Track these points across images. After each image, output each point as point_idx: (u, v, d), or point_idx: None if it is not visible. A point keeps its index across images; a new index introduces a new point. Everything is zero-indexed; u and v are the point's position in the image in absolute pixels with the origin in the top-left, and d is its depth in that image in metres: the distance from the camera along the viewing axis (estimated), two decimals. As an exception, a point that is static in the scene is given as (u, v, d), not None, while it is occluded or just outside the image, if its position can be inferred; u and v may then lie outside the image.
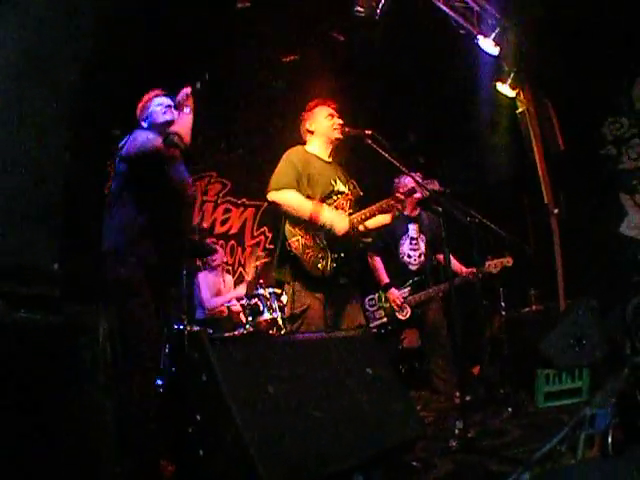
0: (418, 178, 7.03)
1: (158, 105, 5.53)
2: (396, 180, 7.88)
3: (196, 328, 7.90)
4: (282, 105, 10.45)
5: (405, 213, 8.07)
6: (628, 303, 7.12)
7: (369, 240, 6.24)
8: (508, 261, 7.73)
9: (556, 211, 9.53)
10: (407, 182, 7.49)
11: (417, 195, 7.69)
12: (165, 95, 5.62)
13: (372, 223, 6.02)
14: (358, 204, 6.07)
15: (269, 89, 10.54)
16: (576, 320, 6.64)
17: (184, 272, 6.86)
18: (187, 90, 5.31)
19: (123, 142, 5.26)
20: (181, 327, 7.42)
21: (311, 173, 5.89)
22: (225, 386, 3.50)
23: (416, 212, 8.23)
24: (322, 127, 6.12)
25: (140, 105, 5.63)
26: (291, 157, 5.95)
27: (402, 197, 5.92)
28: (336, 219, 5.72)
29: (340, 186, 6.02)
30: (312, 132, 6.18)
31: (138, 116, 5.60)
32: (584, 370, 6.48)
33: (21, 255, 3.49)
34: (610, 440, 4.07)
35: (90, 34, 5.01)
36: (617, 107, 9.40)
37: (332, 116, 6.12)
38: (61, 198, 3.82)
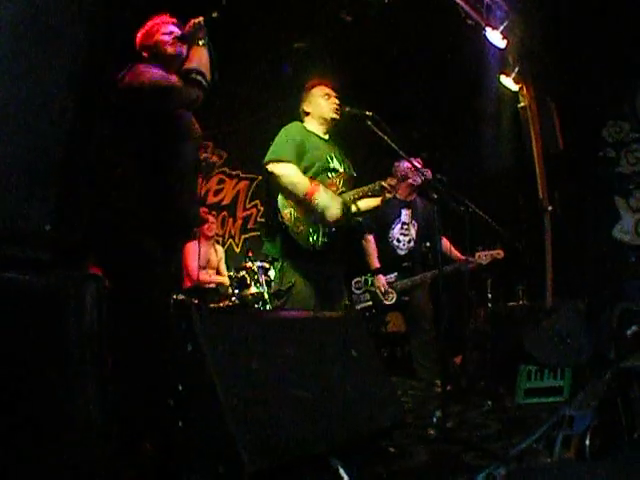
0: (417, 163, 7.03)
1: (167, 34, 4.71)
2: (396, 163, 7.88)
3: (182, 297, 7.91)
4: (286, 85, 10.41)
5: (399, 197, 8.06)
6: (615, 307, 7.13)
7: (359, 219, 6.21)
8: (498, 253, 7.76)
9: (550, 208, 9.55)
10: (405, 166, 7.48)
11: (412, 180, 7.69)
12: (176, 24, 4.78)
13: (362, 205, 5.98)
14: (351, 184, 6.04)
15: (274, 73, 10.52)
16: (562, 319, 6.65)
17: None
18: (199, 19, 4.62)
19: (121, 75, 4.41)
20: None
21: (308, 148, 5.85)
22: (210, 358, 3.47)
23: (411, 197, 8.20)
24: (319, 107, 6.09)
25: (142, 32, 4.79)
26: (291, 130, 5.93)
27: (394, 182, 5.87)
28: (330, 204, 5.67)
29: (336, 164, 6.00)
30: (308, 113, 6.15)
31: (139, 45, 4.79)
32: (566, 370, 6.49)
33: (14, 217, 3.45)
34: (587, 443, 4.09)
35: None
36: (619, 111, 9.42)
37: (329, 96, 6.10)
38: (60, 160, 3.77)
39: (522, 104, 9.92)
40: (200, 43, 4.57)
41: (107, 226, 4.34)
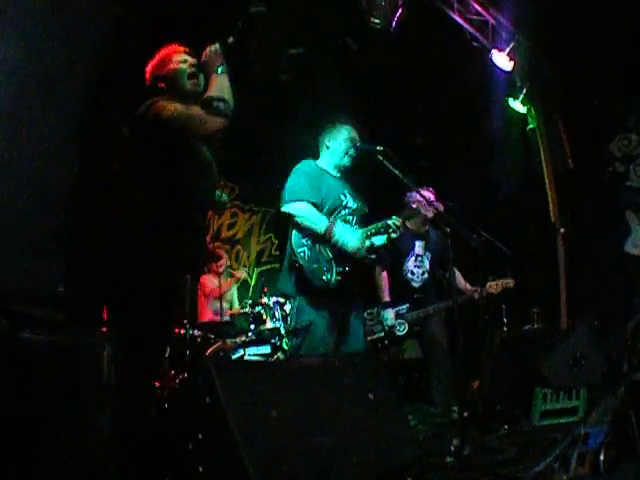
0: (429, 194, 7.11)
1: (181, 62, 4.57)
2: (407, 195, 7.92)
3: (197, 332, 7.97)
4: (295, 114, 10.51)
5: (412, 229, 8.06)
6: (629, 321, 7.16)
7: (373, 257, 6.19)
8: (509, 282, 7.79)
9: (562, 230, 9.56)
10: (417, 199, 7.56)
11: (424, 213, 7.76)
12: (188, 53, 4.64)
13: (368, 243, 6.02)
14: (364, 220, 6.13)
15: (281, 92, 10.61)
16: (576, 340, 6.67)
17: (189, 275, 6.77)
18: (215, 46, 4.49)
19: (141, 111, 4.30)
20: (182, 331, 7.48)
21: (321, 186, 5.95)
22: (229, 411, 3.53)
23: (424, 229, 8.21)
24: (339, 149, 6.17)
25: (154, 62, 4.65)
26: (304, 168, 6.04)
27: (399, 222, 5.94)
28: (349, 237, 5.78)
29: (349, 201, 6.09)
30: (329, 147, 6.24)
31: (151, 76, 4.64)
32: (581, 390, 6.53)
33: (27, 277, 3.53)
34: (602, 458, 4.14)
35: (97, 47, 5.05)
36: (627, 123, 9.43)
37: (351, 143, 6.15)
38: (68, 221, 3.85)
39: (531, 126, 9.94)
40: (219, 71, 4.43)
41: (117, 259, 4.32)
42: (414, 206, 7.37)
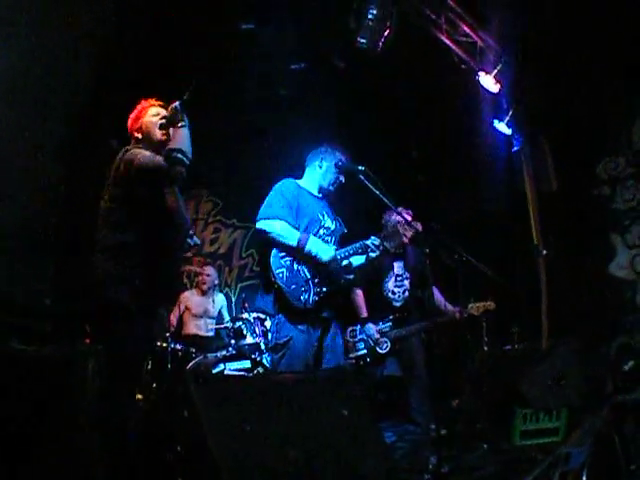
0: (408, 216, 7.13)
1: (153, 116, 5.11)
2: (385, 216, 7.95)
3: (179, 346, 8.00)
4: (277, 130, 10.54)
5: (391, 250, 8.08)
6: (613, 342, 7.18)
7: (351, 277, 6.23)
8: (490, 305, 7.80)
9: (545, 252, 9.56)
10: (395, 219, 7.60)
11: (403, 234, 7.79)
12: (161, 106, 5.16)
13: (347, 263, 6.07)
14: (342, 241, 6.19)
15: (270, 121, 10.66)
16: (557, 361, 6.67)
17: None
18: (175, 104, 4.90)
19: (117, 160, 4.87)
20: (164, 345, 7.51)
21: (300, 205, 6.00)
22: (206, 424, 3.57)
23: (402, 249, 8.21)
24: (329, 174, 6.25)
25: (133, 116, 5.22)
26: (282, 188, 6.09)
27: (377, 242, 6.01)
28: (322, 248, 5.86)
29: (327, 221, 6.15)
30: (321, 167, 6.28)
31: (130, 129, 5.19)
32: (562, 410, 6.53)
33: (14, 289, 3.54)
34: (584, 479, 4.13)
35: (87, 64, 5.08)
36: (615, 146, 9.44)
37: (338, 169, 6.20)
38: (54, 235, 3.86)
39: (516, 148, 9.95)
40: (179, 125, 4.83)
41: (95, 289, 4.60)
42: (392, 227, 7.39)
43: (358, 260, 6.18)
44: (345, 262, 6.01)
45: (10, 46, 4.24)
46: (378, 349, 7.84)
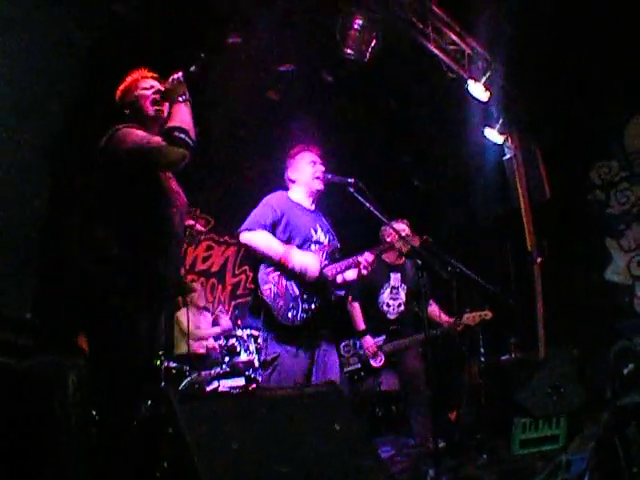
0: (404, 226, 7.08)
1: (147, 88, 4.53)
2: (382, 229, 7.89)
3: (173, 364, 7.93)
4: (268, 144, 10.47)
5: (388, 262, 8.09)
6: (612, 346, 7.13)
7: (342, 293, 6.09)
8: (486, 314, 7.70)
9: (539, 260, 9.52)
10: (391, 233, 7.54)
11: (398, 248, 7.73)
12: (155, 78, 4.60)
13: (339, 277, 5.94)
14: (335, 255, 5.95)
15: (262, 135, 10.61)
16: (554, 368, 6.64)
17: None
18: (178, 75, 4.40)
19: (103, 141, 4.30)
20: (157, 362, 7.43)
21: (290, 219, 5.81)
22: (191, 441, 3.49)
23: (400, 261, 8.21)
24: (304, 175, 6.02)
25: (122, 88, 4.61)
26: (271, 201, 5.88)
27: (370, 258, 5.82)
28: (308, 262, 5.65)
29: (320, 235, 5.95)
30: (294, 181, 6.08)
31: (118, 101, 4.59)
32: (561, 417, 6.46)
33: None
34: (586, 484, 4.07)
35: (75, 77, 5.00)
36: (607, 150, 9.42)
37: (314, 163, 6.01)
38: (36, 249, 3.80)
39: (507, 156, 9.92)
40: (181, 99, 4.36)
41: (88, 290, 4.28)
42: (388, 240, 7.33)
43: (350, 275, 6.02)
44: (338, 278, 5.88)
45: None
46: (372, 362, 7.78)
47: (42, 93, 4.32)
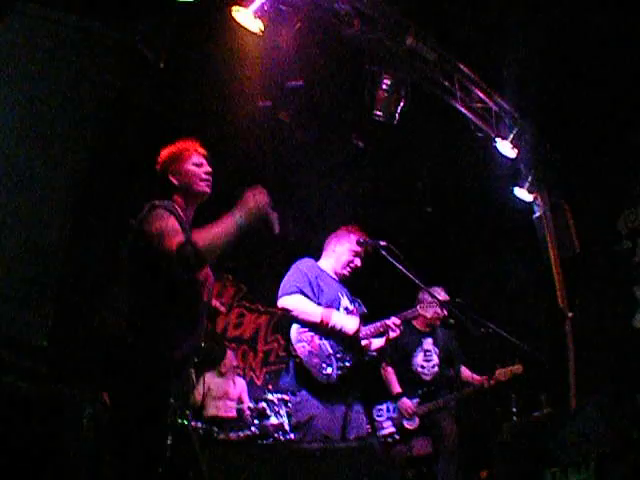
0: (438, 294, 7.06)
1: (197, 165, 4.42)
2: (420, 295, 7.84)
3: (200, 425, 7.87)
4: (299, 215, 10.52)
5: (419, 328, 8.13)
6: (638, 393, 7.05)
7: (374, 354, 6.27)
8: (518, 369, 7.78)
9: (570, 314, 9.41)
10: (427, 299, 7.55)
11: (435, 314, 7.71)
12: (205, 157, 4.48)
13: (369, 345, 6.13)
14: (363, 321, 6.07)
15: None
16: (585, 416, 6.54)
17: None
18: (266, 200, 4.02)
19: (141, 214, 4.19)
20: (185, 422, 7.36)
21: (320, 284, 6.00)
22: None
23: (432, 327, 8.23)
24: (343, 257, 6.24)
25: (170, 153, 4.50)
26: (301, 266, 6.10)
27: (398, 322, 6.02)
28: (346, 320, 5.82)
29: (346, 302, 6.13)
30: (334, 251, 6.31)
31: (163, 165, 4.47)
32: (590, 463, 6.34)
33: (13, 327, 3.49)
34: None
35: (94, 115, 5.06)
36: (633, 196, 9.34)
37: (356, 254, 6.20)
38: (58, 278, 3.80)
39: (537, 214, 9.88)
40: (240, 218, 3.94)
41: (113, 353, 4.27)
42: (423, 306, 7.32)
43: (378, 340, 6.20)
44: (365, 341, 6.02)
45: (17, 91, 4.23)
46: (407, 425, 7.73)
47: (65, 130, 4.35)
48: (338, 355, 5.80)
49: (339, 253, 6.27)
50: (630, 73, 8.06)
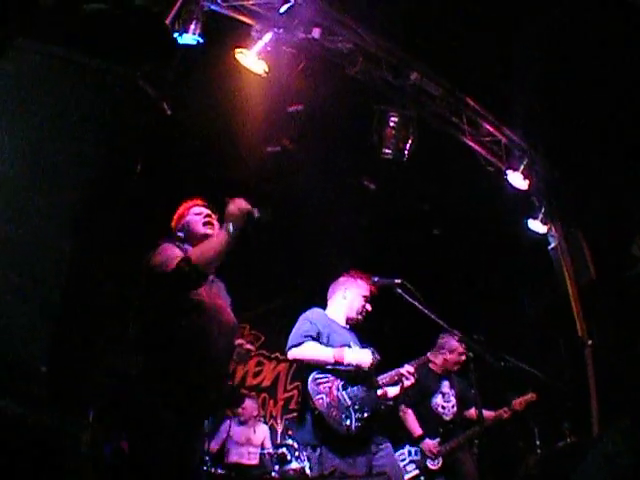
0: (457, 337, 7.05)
1: (197, 214, 4.91)
2: (441, 339, 7.88)
3: (220, 471, 7.84)
4: (315, 262, 10.52)
5: (437, 371, 8.00)
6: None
7: (390, 403, 6.17)
8: (532, 397, 7.72)
9: (590, 342, 9.31)
10: (453, 346, 7.72)
11: (458, 357, 7.69)
12: (205, 206, 4.99)
13: (386, 392, 6.04)
14: (375, 367, 5.96)
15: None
16: (608, 441, 6.44)
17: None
18: (248, 208, 4.39)
19: (150, 253, 4.52)
20: (204, 468, 7.33)
21: (330, 333, 5.90)
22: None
23: (451, 371, 8.10)
24: (356, 303, 6.16)
25: (177, 215, 5.03)
26: (310, 316, 6.02)
27: (412, 369, 5.96)
28: (360, 354, 5.72)
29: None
30: (345, 298, 6.22)
31: (174, 227, 4.97)
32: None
33: (12, 352, 3.48)
34: None
35: (93, 160, 5.10)
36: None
37: (366, 299, 6.15)
38: (59, 304, 3.81)
39: (552, 245, 9.83)
40: (230, 230, 4.36)
41: (127, 395, 4.31)
42: (433, 352, 7.27)
43: (393, 388, 6.11)
44: (380, 391, 5.94)
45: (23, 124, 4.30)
46: (430, 465, 7.60)
47: (66, 166, 4.40)
48: (356, 406, 5.67)
49: (350, 300, 6.19)
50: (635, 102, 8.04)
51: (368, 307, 6.16)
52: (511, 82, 8.10)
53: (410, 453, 7.77)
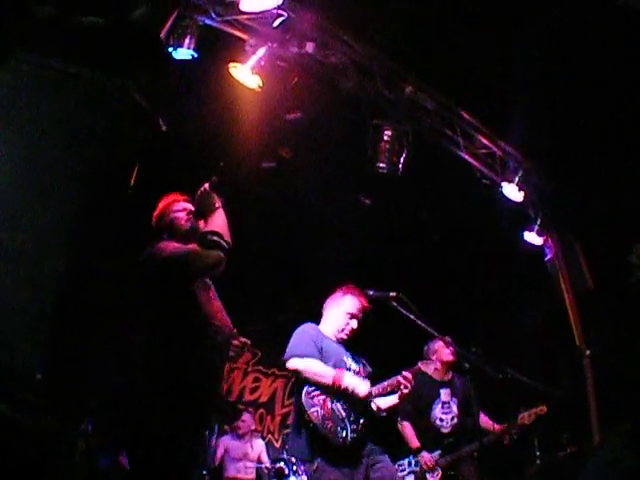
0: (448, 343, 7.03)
1: (179, 210, 4.82)
2: (426, 347, 7.92)
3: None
4: (312, 277, 10.52)
5: (436, 378, 7.99)
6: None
7: (384, 414, 6.09)
8: (542, 410, 7.56)
9: (588, 352, 9.31)
10: (437, 347, 7.73)
11: (446, 358, 7.66)
12: (186, 200, 4.91)
13: (382, 403, 5.97)
14: (369, 380, 5.98)
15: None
16: (608, 447, 6.43)
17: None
18: (204, 187, 4.66)
19: (143, 255, 4.57)
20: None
21: (324, 347, 5.91)
22: None
23: (448, 376, 8.11)
24: (337, 322, 6.13)
25: (157, 214, 4.92)
26: (305, 329, 6.03)
27: (409, 375, 5.81)
28: (358, 382, 5.72)
29: (351, 364, 6.05)
30: (329, 317, 6.20)
31: (156, 227, 4.87)
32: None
33: (8, 359, 3.48)
34: None
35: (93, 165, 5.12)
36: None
37: (352, 317, 6.12)
38: (53, 311, 3.82)
39: (548, 256, 9.83)
40: (215, 207, 4.58)
41: (127, 396, 4.33)
42: (424, 362, 7.30)
43: (391, 397, 6.01)
44: (381, 404, 5.92)
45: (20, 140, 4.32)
46: (430, 477, 7.57)
47: (61, 179, 4.42)
48: (351, 418, 5.68)
49: (332, 318, 6.17)
50: (636, 108, 8.04)
51: (353, 325, 6.11)
52: (508, 85, 8.10)
53: (410, 464, 7.78)
